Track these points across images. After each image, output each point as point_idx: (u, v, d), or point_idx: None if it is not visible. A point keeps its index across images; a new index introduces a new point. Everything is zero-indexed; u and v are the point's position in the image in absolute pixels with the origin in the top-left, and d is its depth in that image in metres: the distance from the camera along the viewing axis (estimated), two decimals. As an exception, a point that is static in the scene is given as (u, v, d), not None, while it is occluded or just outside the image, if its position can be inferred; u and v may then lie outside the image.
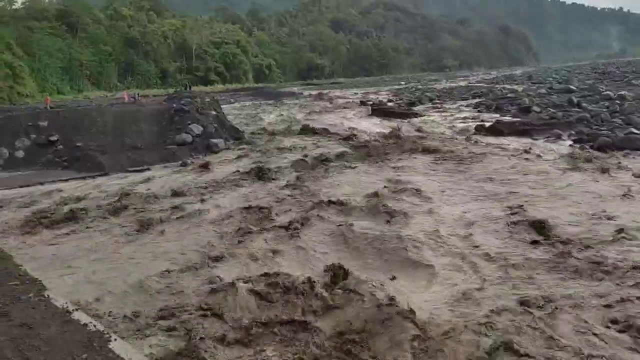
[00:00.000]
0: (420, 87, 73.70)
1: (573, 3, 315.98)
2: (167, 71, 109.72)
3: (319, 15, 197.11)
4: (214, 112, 25.98)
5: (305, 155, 19.77)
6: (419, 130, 26.29)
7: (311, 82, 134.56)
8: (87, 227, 11.67)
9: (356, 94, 67.89)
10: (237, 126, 27.94)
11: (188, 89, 42.69)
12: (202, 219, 11.86)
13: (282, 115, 39.90)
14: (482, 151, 18.92)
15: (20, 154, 22.52)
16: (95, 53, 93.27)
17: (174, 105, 26.02)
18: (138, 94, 53.19)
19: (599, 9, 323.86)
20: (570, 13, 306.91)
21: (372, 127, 29.28)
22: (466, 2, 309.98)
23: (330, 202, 12.25)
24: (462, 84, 77.87)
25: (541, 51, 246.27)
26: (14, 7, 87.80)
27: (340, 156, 19.10)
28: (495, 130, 23.55)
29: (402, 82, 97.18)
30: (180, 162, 20.87)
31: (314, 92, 77.08)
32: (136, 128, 24.46)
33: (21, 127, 23.51)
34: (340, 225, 10.35)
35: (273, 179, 16.07)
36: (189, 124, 23.84)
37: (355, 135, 25.09)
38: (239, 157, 21.21)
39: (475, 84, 71.65)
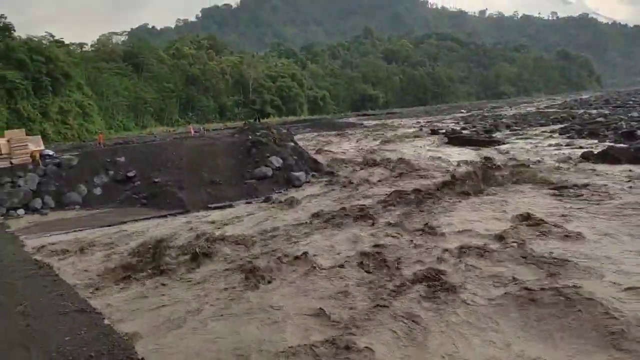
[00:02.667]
0: (486, 114, 70.72)
1: (635, 26, 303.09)
2: (225, 106, 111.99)
3: (372, 47, 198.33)
4: (292, 144, 24.69)
5: (397, 189, 17.83)
6: (513, 158, 23.88)
7: (366, 112, 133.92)
8: (181, 277, 10.16)
9: (419, 123, 65.82)
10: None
11: (258, 120, 42.06)
12: (312, 266, 10.10)
13: (352, 145, 38.35)
14: (605, 182, 16.41)
15: (98, 190, 21.87)
16: (158, 90, 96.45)
17: (250, 137, 24.92)
18: (203, 128, 53.62)
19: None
20: (632, 36, 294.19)
21: (456, 156, 27.11)
22: (521, 32, 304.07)
23: (462, 248, 10.22)
24: (530, 109, 74.26)
25: (603, 76, 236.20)
26: (84, 49, 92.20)
27: (441, 188, 17.07)
28: (609, 157, 20.84)
29: (463, 110, 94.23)
30: (262, 197, 19.48)
31: (374, 122, 75.71)
32: (212, 162, 23.43)
33: (99, 163, 23.01)
34: (505, 286, 8.22)
35: (372, 217, 14.19)
36: (268, 157, 22.57)
37: (444, 166, 23.02)
38: (324, 192, 19.58)
39: (546, 110, 67.94)
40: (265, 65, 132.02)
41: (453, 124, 55.47)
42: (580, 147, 26.39)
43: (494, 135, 36.94)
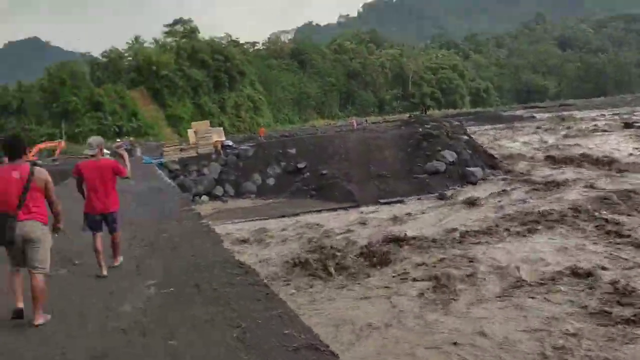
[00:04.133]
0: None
1: None
2: (384, 99, 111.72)
3: (543, 34, 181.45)
4: (465, 137, 22.87)
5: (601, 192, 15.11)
6: None
7: (534, 104, 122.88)
8: (364, 280, 9.41)
9: (602, 115, 57.83)
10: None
11: (424, 112, 40.55)
12: (517, 280, 8.57)
13: (528, 140, 34.75)
14: None
15: (271, 181, 22.60)
16: (320, 85, 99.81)
17: (420, 129, 23.68)
18: (366, 121, 53.67)
19: None
20: None
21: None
22: None
23: None
24: None
25: None
26: (256, 47, 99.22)
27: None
28: None
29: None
30: (435, 193, 18.16)
31: (546, 115, 68.69)
32: (380, 155, 22.73)
33: (272, 155, 23.80)
34: None
35: (574, 223, 11.95)
36: (440, 150, 21.12)
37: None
38: (505, 190, 17.52)
39: None
40: (425, 57, 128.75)
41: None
42: None
43: None
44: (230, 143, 26.91)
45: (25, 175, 4.27)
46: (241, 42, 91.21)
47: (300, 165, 22.91)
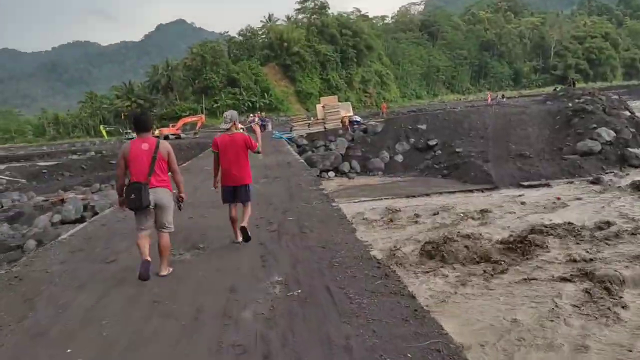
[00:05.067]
0: None
1: None
2: (520, 71, 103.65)
3: None
4: (627, 113, 19.81)
5: None
6: None
7: None
8: (511, 281, 8.28)
9: None
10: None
11: (573, 85, 36.48)
12: None
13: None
14: None
15: (399, 158, 21.73)
16: (450, 58, 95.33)
17: (570, 104, 21.07)
18: (503, 95, 49.80)
19: None
20: None
21: None
22: None
23: None
24: None
25: None
26: (385, 21, 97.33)
27: None
28: None
29: None
30: (589, 177, 15.95)
31: None
32: (522, 132, 20.65)
33: (401, 131, 22.85)
34: None
35: None
36: (594, 128, 18.52)
37: None
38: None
39: None
40: (571, 25, 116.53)
41: None
42: None
43: None
44: (358, 119, 26.42)
45: (152, 147, 4.78)
46: (370, 16, 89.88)
47: (431, 142, 21.68)
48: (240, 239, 5.90)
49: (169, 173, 4.97)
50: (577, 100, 21.45)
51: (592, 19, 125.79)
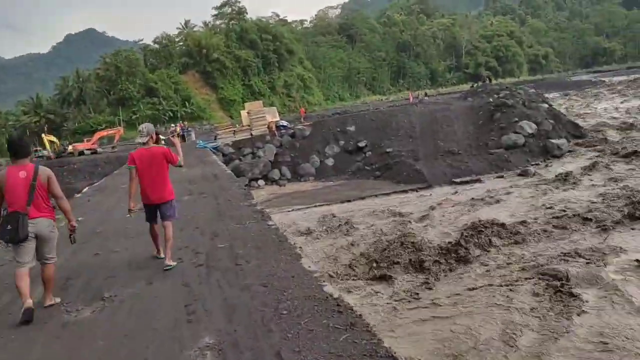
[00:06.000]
0: None
1: None
2: (436, 71, 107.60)
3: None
4: (545, 105, 20.48)
5: None
6: None
7: (599, 69, 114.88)
8: (453, 281, 7.87)
9: (685, 76, 52.59)
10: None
11: (489, 81, 37.78)
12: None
13: (605, 106, 31.56)
14: None
15: (330, 161, 21.20)
16: (370, 60, 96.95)
17: (490, 99, 21.52)
18: (426, 94, 50.94)
19: None
20: None
21: None
22: None
23: None
24: None
25: None
26: (304, 25, 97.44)
27: None
28: None
29: None
30: (517, 170, 16.19)
31: (619, 78, 63.51)
32: (448, 129, 20.81)
33: (330, 134, 22.35)
34: None
35: None
36: (516, 122, 18.95)
37: None
38: (595, 164, 15.26)
39: None
40: (479, 25, 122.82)
41: None
42: None
43: None
44: (285, 123, 25.67)
45: (31, 174, 4.35)
46: (289, 20, 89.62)
47: (361, 144, 21.35)
48: (163, 254, 5.41)
49: (52, 200, 4.53)
50: (496, 96, 21.95)
51: (498, 18, 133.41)
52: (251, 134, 24.57)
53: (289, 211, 14.60)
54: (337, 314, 3.49)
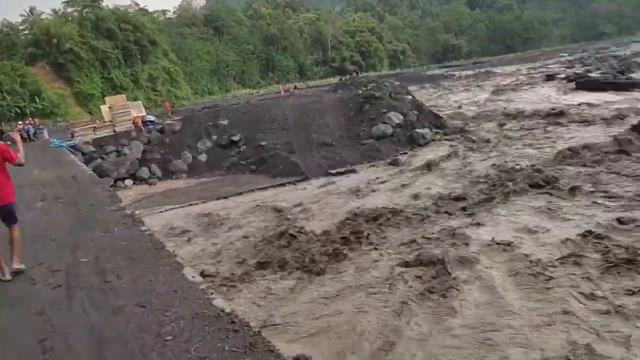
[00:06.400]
0: (598, 55, 62.84)
1: None
2: (304, 64, 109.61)
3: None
4: (409, 97, 21.65)
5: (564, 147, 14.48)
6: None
7: (449, 64, 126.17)
8: (334, 277, 7.87)
9: (519, 70, 59.58)
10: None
11: (357, 74, 39.09)
12: (528, 260, 7.35)
13: (459, 98, 34.47)
14: None
15: (203, 157, 20.31)
16: (238, 53, 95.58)
17: (359, 92, 22.23)
18: (296, 87, 51.47)
19: None
20: None
21: (613, 103, 22.52)
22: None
23: None
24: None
25: None
26: (167, 15, 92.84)
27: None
28: None
29: (564, 54, 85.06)
30: (387, 159, 16.89)
31: (466, 73, 70.07)
32: (320, 121, 21.06)
33: (202, 128, 21.41)
34: None
35: (554, 182, 11.04)
36: (385, 113, 19.78)
37: (598, 113, 19.16)
38: (459, 151, 16.55)
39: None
40: (342, 20, 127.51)
41: (562, 69, 49.18)
42: None
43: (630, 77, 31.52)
44: (153, 118, 24.08)
45: None
46: (150, 10, 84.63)
47: (235, 138, 20.76)
48: (8, 276, 4.84)
49: None
50: (364, 88, 22.71)
51: (359, 15, 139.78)
52: (114, 131, 22.64)
53: (161, 212, 13.65)
54: (232, 333, 3.02)
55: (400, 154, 17.64)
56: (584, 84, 30.14)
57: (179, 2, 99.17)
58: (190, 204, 14.23)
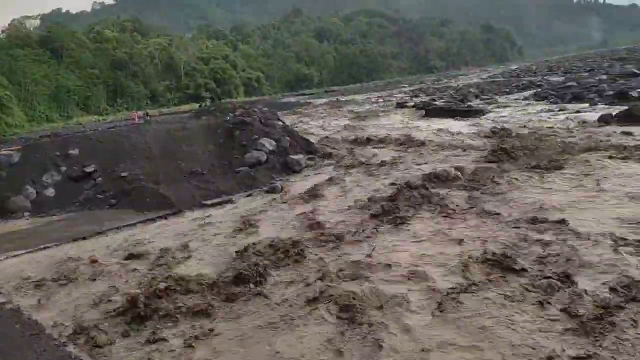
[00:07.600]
0: (436, 86, 69.89)
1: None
2: (156, 91, 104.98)
3: (302, 26, 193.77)
4: (280, 123, 21.30)
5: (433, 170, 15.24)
6: (524, 126, 22.08)
7: (303, 92, 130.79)
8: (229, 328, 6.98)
9: (369, 98, 63.74)
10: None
11: (219, 100, 37.85)
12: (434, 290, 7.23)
13: (321, 124, 35.32)
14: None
15: (50, 191, 17.59)
16: (81, 77, 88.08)
17: (227, 118, 21.36)
18: (147, 113, 48.31)
19: (575, 1, 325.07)
20: (550, 8, 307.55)
21: (460, 129, 24.64)
22: (445, 5, 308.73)
23: None
24: (476, 80, 74.41)
25: (525, 47, 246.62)
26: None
27: (495, 161, 14.66)
28: (634, 117, 19.36)
29: (405, 85, 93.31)
30: (265, 187, 16.21)
31: (323, 100, 72.97)
32: (188, 149, 19.68)
33: (47, 158, 18.62)
34: None
35: (433, 201, 11.39)
36: (257, 139, 19.15)
37: (449, 139, 20.77)
38: (336, 177, 16.55)
39: (496, 79, 68.24)
40: (195, 47, 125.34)
41: (409, 97, 53.59)
42: (578, 112, 25.21)
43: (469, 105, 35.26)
44: (-20, 149, 20.44)
45: None
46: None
47: (89, 169, 18.36)
48: None
49: None
50: (232, 114, 21.91)
51: (212, 42, 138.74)
52: None
53: (1, 259, 11.24)
54: None
55: (276, 180, 17.08)
56: (432, 111, 32.88)
57: (8, 21, 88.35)
58: (40, 249, 11.99)
